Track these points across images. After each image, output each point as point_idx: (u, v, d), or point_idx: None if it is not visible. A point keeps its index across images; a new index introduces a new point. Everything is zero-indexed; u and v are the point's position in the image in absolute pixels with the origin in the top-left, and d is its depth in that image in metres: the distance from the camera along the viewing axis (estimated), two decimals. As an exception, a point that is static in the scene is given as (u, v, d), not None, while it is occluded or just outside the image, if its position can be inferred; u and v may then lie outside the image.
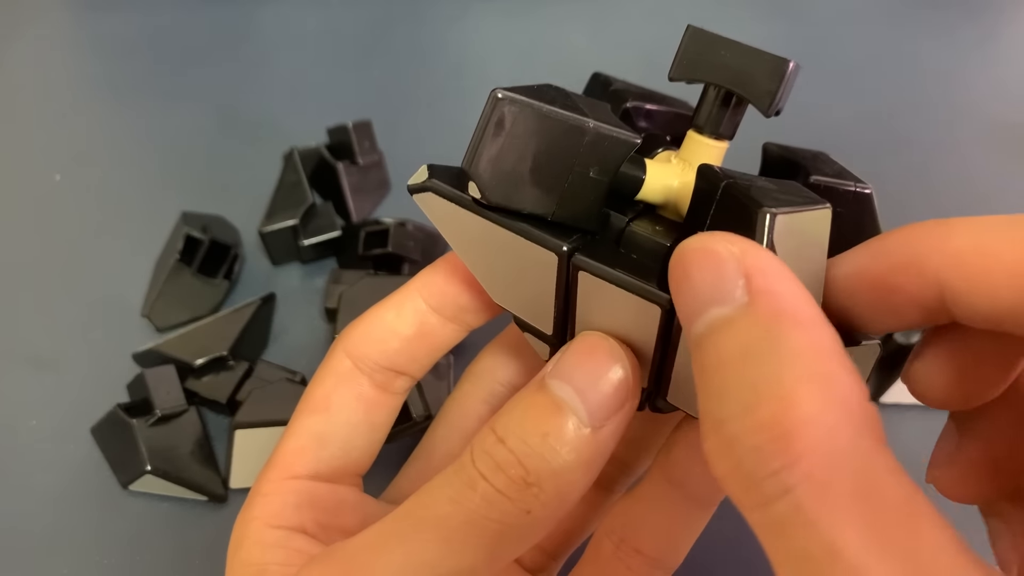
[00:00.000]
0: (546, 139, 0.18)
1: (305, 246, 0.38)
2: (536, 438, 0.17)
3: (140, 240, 0.39)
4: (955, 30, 0.54)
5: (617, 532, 0.22)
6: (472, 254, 0.21)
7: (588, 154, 0.18)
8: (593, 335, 0.19)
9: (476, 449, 0.18)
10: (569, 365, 0.18)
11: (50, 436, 0.33)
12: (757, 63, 0.18)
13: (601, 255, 0.19)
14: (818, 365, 0.13)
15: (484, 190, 0.19)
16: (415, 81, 0.47)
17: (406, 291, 0.23)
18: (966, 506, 0.20)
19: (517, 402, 0.18)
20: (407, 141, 0.43)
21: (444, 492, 0.18)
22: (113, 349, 0.35)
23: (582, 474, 0.18)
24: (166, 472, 0.30)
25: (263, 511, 0.21)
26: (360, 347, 0.23)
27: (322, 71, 0.48)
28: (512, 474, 0.17)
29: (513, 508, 0.17)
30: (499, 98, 0.18)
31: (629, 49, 0.49)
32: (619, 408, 0.18)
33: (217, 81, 0.47)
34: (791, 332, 0.13)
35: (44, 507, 0.31)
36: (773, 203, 0.16)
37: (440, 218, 0.21)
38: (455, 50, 0.49)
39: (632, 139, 0.19)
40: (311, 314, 0.37)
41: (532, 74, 0.48)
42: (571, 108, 0.18)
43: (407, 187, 0.21)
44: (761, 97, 0.18)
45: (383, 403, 0.23)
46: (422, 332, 0.22)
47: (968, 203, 0.43)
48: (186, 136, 0.44)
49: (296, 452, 0.22)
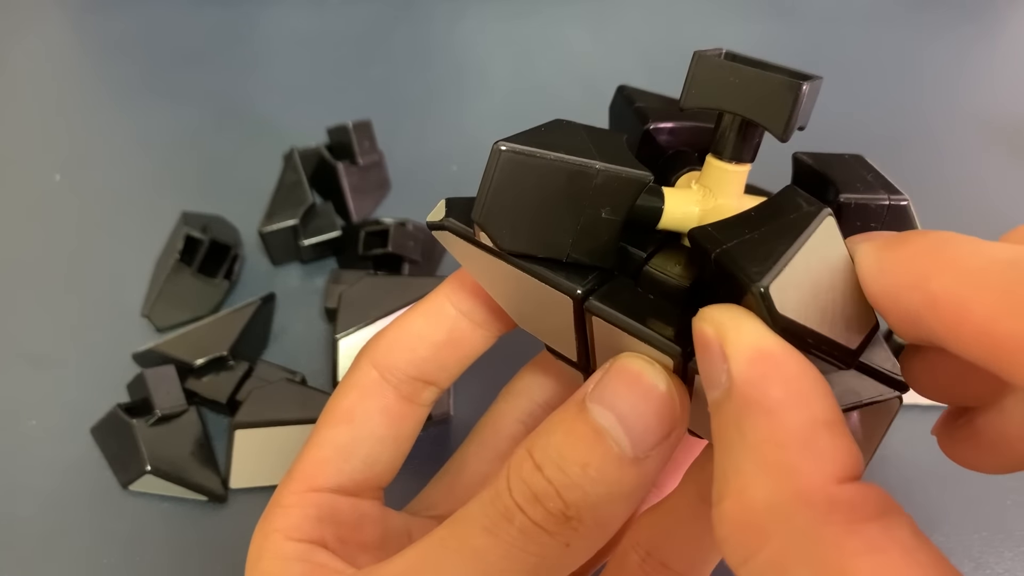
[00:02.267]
0: (553, 186, 0.18)
1: (305, 246, 0.38)
2: (576, 468, 0.17)
3: (140, 240, 0.39)
4: (954, 30, 0.54)
5: (643, 545, 0.22)
6: (494, 288, 0.21)
7: (598, 196, 0.18)
8: (636, 359, 0.18)
9: (513, 476, 0.17)
10: (611, 389, 0.17)
11: (50, 436, 0.33)
12: (767, 88, 0.18)
13: (616, 298, 0.18)
14: (775, 455, 0.13)
15: (495, 239, 0.18)
16: (415, 81, 0.47)
17: (434, 298, 0.22)
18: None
19: (556, 425, 0.17)
20: (407, 141, 0.43)
21: (480, 523, 0.17)
22: (113, 349, 0.35)
23: (623, 507, 0.17)
24: (166, 472, 0.30)
25: (283, 523, 0.21)
26: (388, 357, 0.22)
27: (322, 71, 0.48)
28: (551, 507, 0.17)
29: (552, 541, 0.17)
30: (502, 151, 0.18)
31: (629, 49, 0.49)
32: (664, 438, 0.17)
33: (217, 81, 0.47)
34: (756, 421, 0.14)
35: (44, 507, 0.31)
36: (764, 262, 0.15)
37: (460, 254, 0.20)
38: (455, 50, 0.49)
39: (642, 178, 0.18)
40: (311, 314, 0.37)
41: (532, 74, 0.48)
42: (578, 150, 0.18)
43: (426, 223, 0.21)
44: (774, 123, 0.18)
45: (408, 415, 0.23)
46: (452, 338, 0.22)
47: (967, 203, 0.43)
48: (186, 136, 0.44)
49: (318, 464, 0.22)
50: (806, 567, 0.12)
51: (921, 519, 0.15)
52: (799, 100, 0.17)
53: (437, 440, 0.32)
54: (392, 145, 0.42)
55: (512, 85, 0.47)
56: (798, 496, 0.13)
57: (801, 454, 0.13)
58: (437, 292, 0.22)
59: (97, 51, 0.49)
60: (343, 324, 0.34)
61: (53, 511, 0.31)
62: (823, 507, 0.13)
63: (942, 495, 0.31)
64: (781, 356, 0.14)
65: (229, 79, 0.47)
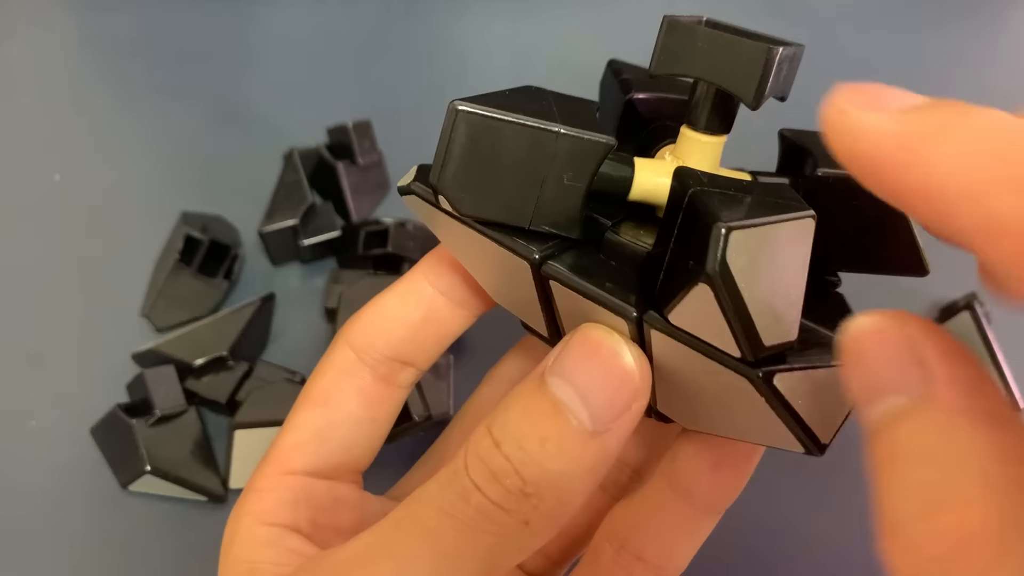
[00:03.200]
0: (511, 149, 0.17)
1: (305, 246, 0.38)
2: (534, 444, 0.16)
3: (140, 240, 0.39)
4: (954, 29, 0.54)
5: (618, 538, 0.22)
6: (462, 254, 0.20)
7: (559, 161, 0.18)
8: (596, 328, 0.17)
9: (470, 454, 0.17)
10: (570, 362, 0.17)
11: (50, 436, 0.33)
12: (737, 53, 0.17)
13: (573, 262, 0.18)
14: (1002, 469, 0.12)
15: (453, 203, 0.18)
16: (415, 81, 0.47)
17: (410, 277, 0.22)
18: None
19: (515, 400, 0.17)
20: (407, 141, 0.43)
21: (436, 502, 0.17)
22: (113, 349, 0.35)
23: (584, 482, 0.16)
24: (166, 472, 0.30)
25: (256, 507, 0.20)
26: (364, 337, 0.22)
27: (322, 71, 0.48)
28: (508, 484, 0.16)
29: (510, 519, 0.16)
30: (457, 110, 0.17)
31: (629, 49, 0.49)
32: (624, 410, 0.17)
33: (217, 81, 0.47)
34: (974, 431, 0.12)
35: (44, 507, 0.31)
36: (736, 215, 0.15)
37: (427, 219, 0.20)
38: (455, 50, 0.49)
39: (604, 142, 0.18)
40: (311, 314, 0.37)
41: (532, 74, 0.48)
42: (539, 113, 0.18)
43: (396, 188, 0.20)
44: (744, 90, 0.17)
45: (386, 397, 0.22)
46: (430, 318, 0.22)
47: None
48: (186, 136, 0.44)
49: (294, 447, 0.21)
50: None
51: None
52: (770, 65, 0.17)
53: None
54: (392, 145, 0.42)
55: (512, 85, 0.47)
56: None
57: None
58: (414, 271, 0.22)
59: (97, 51, 0.49)
60: (343, 324, 0.34)
61: (53, 511, 0.31)
62: None
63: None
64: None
65: (229, 79, 0.47)
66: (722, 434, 0.18)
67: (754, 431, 0.17)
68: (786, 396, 0.16)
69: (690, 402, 0.18)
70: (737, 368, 0.16)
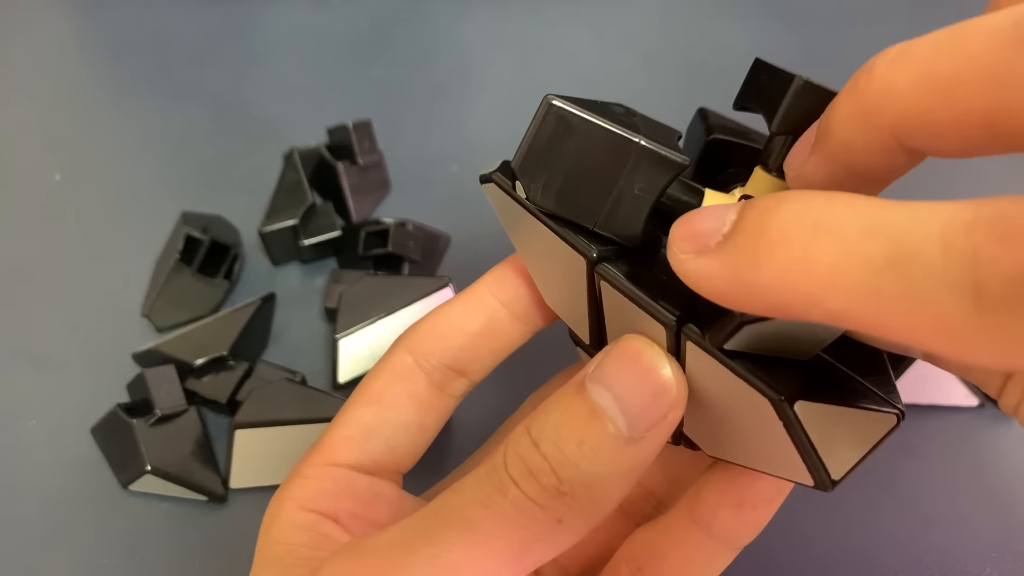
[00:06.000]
0: (592, 150, 0.18)
1: (305, 246, 0.38)
2: (571, 445, 0.17)
3: (140, 240, 0.39)
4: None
5: (636, 560, 0.22)
6: (525, 250, 0.21)
7: (634, 170, 0.18)
8: (637, 339, 0.18)
9: (509, 451, 0.18)
10: (610, 369, 0.17)
11: (50, 436, 0.33)
12: (820, 100, 0.18)
13: (628, 269, 0.19)
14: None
15: (528, 191, 0.19)
16: (415, 81, 0.47)
17: (475, 288, 0.23)
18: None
19: (556, 403, 0.18)
20: (407, 141, 0.43)
21: (474, 495, 0.17)
22: (113, 349, 0.35)
23: (617, 486, 0.17)
24: (166, 472, 0.30)
25: (300, 492, 0.21)
26: (424, 343, 0.22)
27: (322, 71, 0.48)
28: (545, 482, 0.17)
29: (544, 516, 0.17)
30: (550, 104, 0.18)
31: (630, 49, 0.49)
32: (660, 420, 0.17)
33: (217, 81, 0.47)
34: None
35: (44, 507, 0.31)
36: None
37: (500, 209, 0.21)
38: (455, 50, 0.49)
39: (680, 160, 0.18)
40: (311, 314, 0.37)
41: (532, 74, 0.48)
42: (626, 124, 0.18)
43: (478, 177, 0.21)
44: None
45: (436, 404, 0.23)
46: (489, 328, 0.22)
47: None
48: (186, 136, 0.44)
49: (342, 440, 0.22)
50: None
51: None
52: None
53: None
54: (392, 145, 0.42)
55: (512, 85, 0.47)
56: None
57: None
58: (478, 283, 0.23)
59: (97, 51, 0.49)
60: (343, 324, 0.34)
61: (53, 511, 0.31)
62: None
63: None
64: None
65: (229, 79, 0.47)
66: (741, 463, 0.19)
67: (770, 459, 0.18)
68: (804, 425, 0.16)
69: (715, 426, 0.19)
70: (762, 389, 0.16)
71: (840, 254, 0.12)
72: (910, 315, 0.11)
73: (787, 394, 0.16)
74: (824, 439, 0.17)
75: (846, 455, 0.17)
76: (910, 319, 0.11)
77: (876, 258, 0.11)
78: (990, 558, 0.30)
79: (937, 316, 0.11)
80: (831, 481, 0.17)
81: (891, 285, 0.11)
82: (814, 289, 0.12)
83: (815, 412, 0.16)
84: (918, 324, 0.11)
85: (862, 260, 0.11)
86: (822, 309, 0.12)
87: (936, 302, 0.11)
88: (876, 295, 0.11)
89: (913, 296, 0.11)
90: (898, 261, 0.11)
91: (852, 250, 0.12)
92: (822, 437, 0.16)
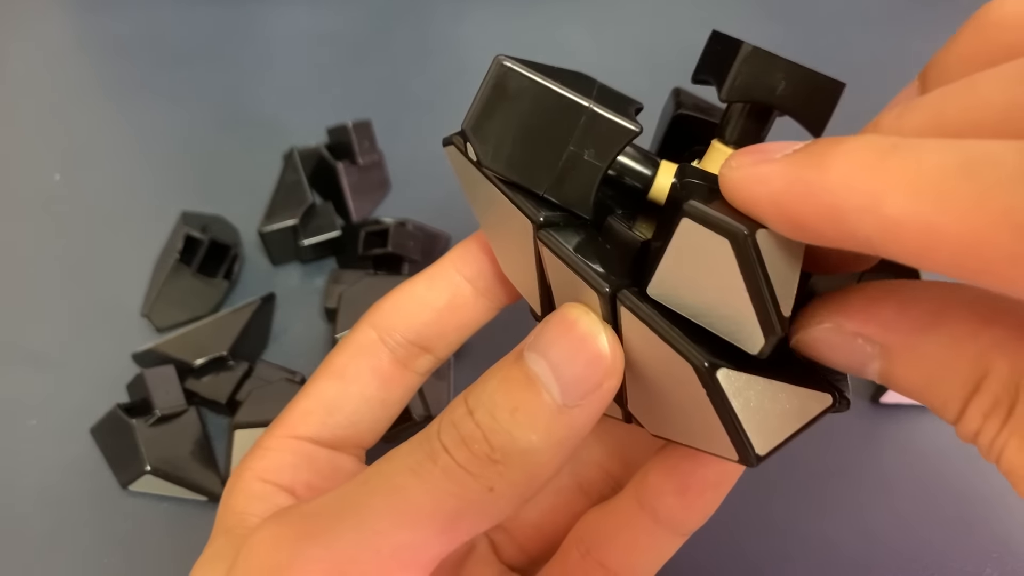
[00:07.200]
0: (540, 111, 0.18)
1: (305, 246, 0.38)
2: (505, 413, 0.17)
3: (140, 240, 0.39)
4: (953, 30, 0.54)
5: (584, 542, 0.22)
6: (483, 217, 0.21)
7: (584, 135, 0.18)
8: (575, 308, 0.18)
9: (444, 420, 0.17)
10: (547, 338, 0.17)
11: (50, 436, 0.33)
12: (814, 86, 0.18)
13: (570, 236, 0.18)
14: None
15: (479, 154, 0.19)
16: (415, 81, 0.47)
17: (439, 264, 0.23)
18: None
19: (494, 372, 0.17)
20: (407, 141, 0.43)
21: (404, 461, 0.17)
22: (113, 349, 0.35)
23: (551, 455, 0.17)
24: (166, 472, 0.30)
25: (257, 464, 0.21)
26: (388, 318, 0.22)
27: (322, 71, 0.48)
28: (476, 449, 0.17)
29: (475, 484, 0.17)
30: (500, 64, 0.18)
31: (630, 49, 0.49)
32: (595, 388, 0.17)
33: (217, 81, 0.47)
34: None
35: (44, 507, 0.31)
36: (705, 203, 0.16)
37: (459, 173, 0.21)
38: (455, 50, 0.49)
39: (630, 127, 0.18)
40: (311, 314, 0.37)
41: (532, 74, 0.48)
42: (579, 89, 0.18)
43: (442, 140, 0.21)
44: (815, 122, 0.18)
45: (400, 380, 0.23)
46: (453, 304, 0.22)
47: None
48: (186, 136, 0.44)
49: (303, 413, 0.22)
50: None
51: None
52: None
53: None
54: (392, 145, 0.42)
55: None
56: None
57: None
58: (443, 259, 0.23)
59: (97, 51, 0.49)
60: (343, 324, 0.34)
61: (53, 511, 0.31)
62: None
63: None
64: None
65: (229, 79, 0.47)
66: (676, 438, 0.19)
67: (699, 433, 0.17)
68: (728, 395, 0.16)
69: (652, 401, 0.18)
70: (686, 354, 0.16)
71: (912, 161, 0.12)
72: (973, 213, 0.11)
73: (711, 360, 0.16)
74: (750, 412, 0.16)
75: (774, 431, 0.17)
76: (971, 218, 0.11)
77: (949, 164, 0.12)
78: (990, 558, 0.30)
79: (1002, 211, 0.11)
80: (755, 456, 0.16)
81: (958, 184, 0.11)
82: (877, 188, 0.12)
83: (741, 382, 0.16)
84: (978, 222, 0.11)
85: (934, 164, 0.12)
86: (877, 216, 0.12)
87: (1003, 197, 0.11)
88: (939, 196, 0.11)
89: (980, 192, 0.11)
90: (971, 163, 0.11)
91: (925, 158, 0.12)
92: (748, 410, 0.16)
